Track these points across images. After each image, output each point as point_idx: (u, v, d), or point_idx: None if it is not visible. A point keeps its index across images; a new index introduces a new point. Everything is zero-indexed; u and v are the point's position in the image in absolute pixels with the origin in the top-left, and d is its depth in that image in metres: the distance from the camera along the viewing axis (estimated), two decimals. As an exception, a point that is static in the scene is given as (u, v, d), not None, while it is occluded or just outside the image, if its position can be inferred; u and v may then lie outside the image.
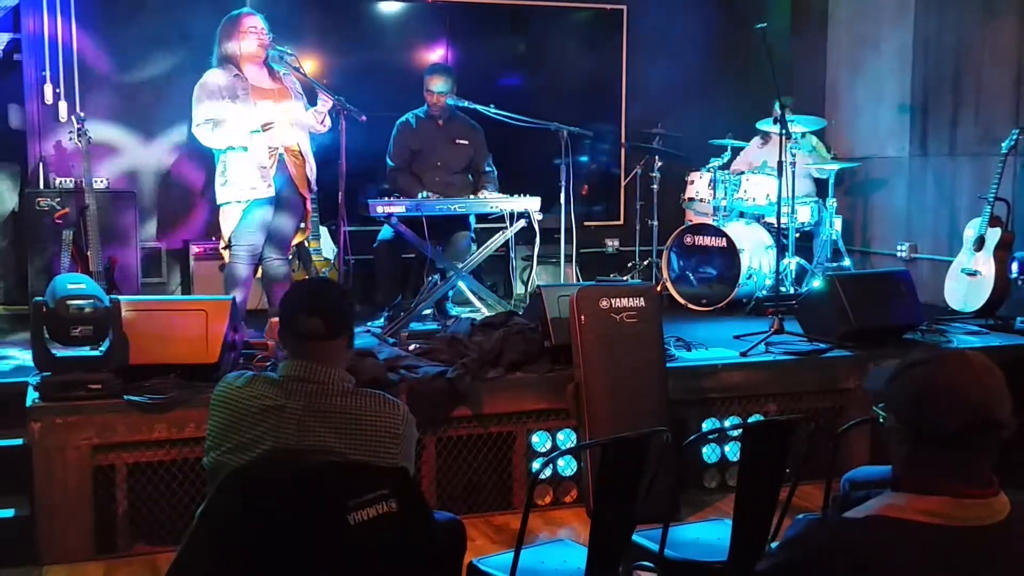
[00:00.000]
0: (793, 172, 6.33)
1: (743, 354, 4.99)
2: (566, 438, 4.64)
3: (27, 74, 6.35)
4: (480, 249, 5.88)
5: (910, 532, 1.69)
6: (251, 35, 5.05)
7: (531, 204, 5.71)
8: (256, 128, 4.98)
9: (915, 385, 1.76)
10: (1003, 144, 6.04)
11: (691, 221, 6.92)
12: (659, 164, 7.03)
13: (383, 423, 2.51)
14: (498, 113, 5.92)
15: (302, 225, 5.42)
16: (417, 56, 7.23)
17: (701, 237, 6.66)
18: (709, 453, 4.84)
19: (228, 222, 5.14)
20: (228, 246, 5.19)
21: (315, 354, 2.54)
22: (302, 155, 5.24)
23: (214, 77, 5.01)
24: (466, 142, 6.17)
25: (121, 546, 4.08)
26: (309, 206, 5.39)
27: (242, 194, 5.03)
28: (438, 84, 6.03)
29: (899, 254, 7.15)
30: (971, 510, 1.70)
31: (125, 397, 4.04)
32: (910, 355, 1.82)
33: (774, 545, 2.84)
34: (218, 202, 5.17)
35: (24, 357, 4.64)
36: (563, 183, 5.54)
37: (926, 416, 1.73)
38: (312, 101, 5.27)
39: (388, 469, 2.41)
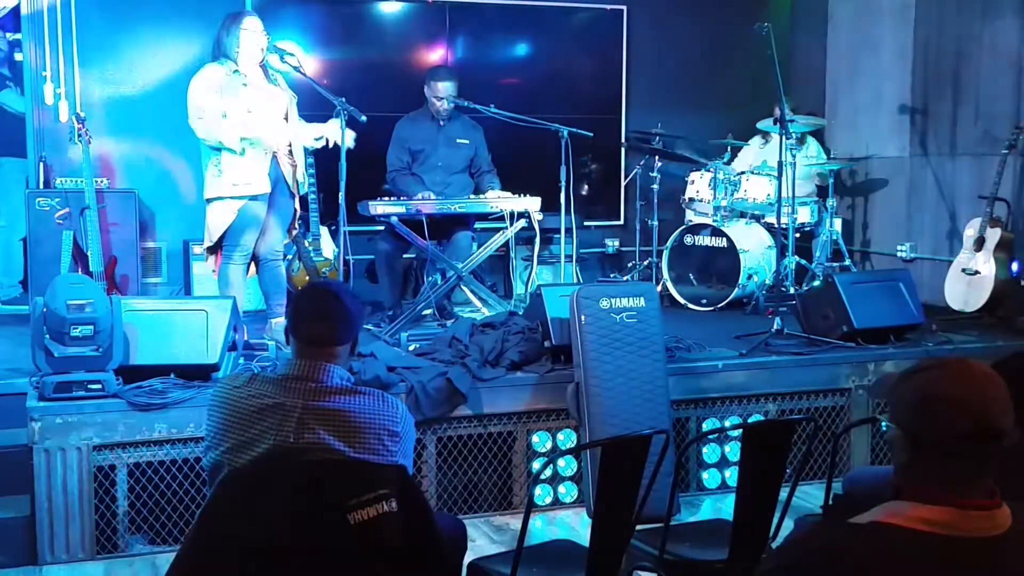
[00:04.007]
0: (794, 173, 6.33)
1: (743, 354, 4.99)
2: (566, 438, 4.64)
3: (27, 74, 6.34)
4: (480, 249, 5.88)
5: (912, 541, 1.68)
6: (250, 35, 5.03)
7: (531, 204, 5.71)
8: (249, 138, 4.93)
9: (915, 394, 1.75)
10: (1003, 144, 6.04)
11: (691, 221, 6.92)
12: (659, 164, 7.03)
13: (381, 421, 2.51)
14: (498, 113, 5.92)
15: (293, 226, 5.41)
16: (417, 56, 7.23)
17: (701, 237, 6.66)
18: (709, 453, 4.84)
19: (217, 220, 4.99)
20: (217, 248, 5.06)
21: (319, 356, 2.55)
22: (293, 155, 5.21)
23: (212, 71, 4.97)
24: (466, 142, 6.17)
25: (121, 546, 4.09)
26: (298, 205, 5.35)
27: (237, 189, 4.93)
28: (447, 89, 6.00)
29: (899, 254, 7.15)
30: (974, 521, 1.69)
31: (125, 397, 4.04)
32: (914, 363, 1.82)
33: (774, 545, 2.85)
34: (208, 196, 5.00)
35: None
36: (563, 183, 5.54)
37: (926, 424, 1.73)
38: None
39: (388, 468, 2.41)
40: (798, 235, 6.67)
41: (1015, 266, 6.01)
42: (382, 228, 6.00)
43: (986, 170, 6.31)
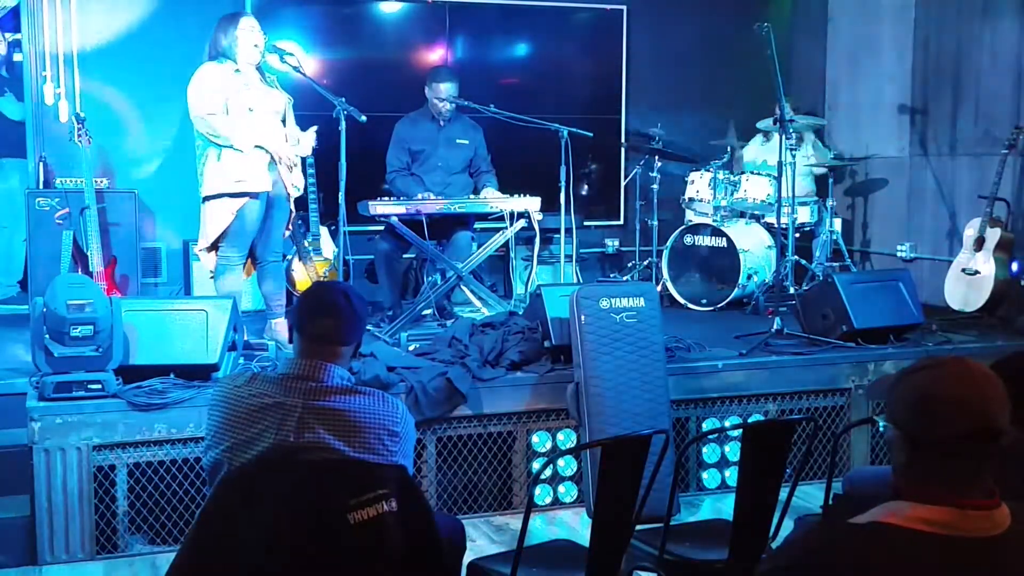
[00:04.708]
0: (793, 172, 6.33)
1: (743, 354, 4.99)
2: (566, 438, 4.64)
3: (27, 74, 6.34)
4: (480, 249, 5.88)
5: (911, 541, 1.68)
6: (247, 34, 5.00)
7: (531, 204, 5.71)
8: (263, 146, 4.90)
9: (914, 393, 1.75)
10: (1003, 144, 6.05)
11: (691, 221, 6.92)
12: (659, 164, 7.03)
13: (381, 421, 2.51)
14: (498, 113, 5.92)
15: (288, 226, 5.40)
16: (417, 56, 7.23)
17: (701, 237, 6.66)
18: (709, 453, 4.84)
19: (215, 220, 4.92)
20: (214, 248, 5.00)
21: (322, 354, 2.55)
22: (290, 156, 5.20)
23: (214, 69, 4.94)
24: (466, 142, 6.17)
25: (121, 546, 4.09)
26: (293, 205, 5.32)
27: (240, 185, 4.86)
28: (448, 90, 5.99)
29: (899, 254, 7.15)
30: (973, 521, 1.69)
31: (125, 397, 4.04)
32: (911, 363, 1.81)
33: (774, 545, 2.85)
34: (207, 193, 4.90)
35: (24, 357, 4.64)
36: (563, 183, 5.54)
37: (925, 424, 1.72)
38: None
39: (389, 468, 2.41)
40: (798, 235, 6.67)
41: (1015, 266, 6.01)
42: (382, 228, 6.00)
43: (986, 170, 6.31)
